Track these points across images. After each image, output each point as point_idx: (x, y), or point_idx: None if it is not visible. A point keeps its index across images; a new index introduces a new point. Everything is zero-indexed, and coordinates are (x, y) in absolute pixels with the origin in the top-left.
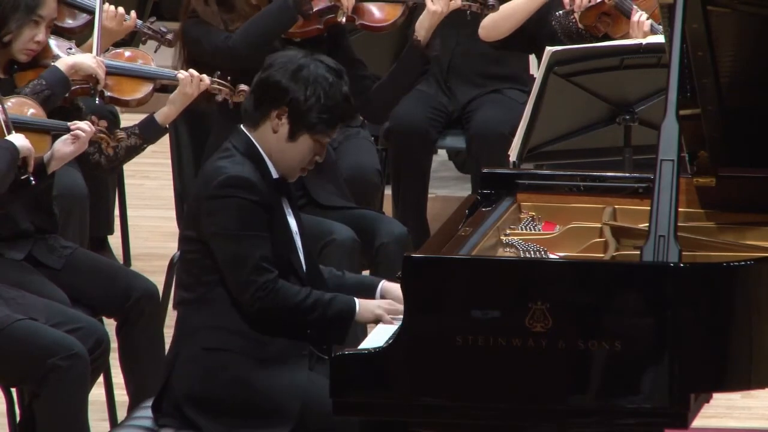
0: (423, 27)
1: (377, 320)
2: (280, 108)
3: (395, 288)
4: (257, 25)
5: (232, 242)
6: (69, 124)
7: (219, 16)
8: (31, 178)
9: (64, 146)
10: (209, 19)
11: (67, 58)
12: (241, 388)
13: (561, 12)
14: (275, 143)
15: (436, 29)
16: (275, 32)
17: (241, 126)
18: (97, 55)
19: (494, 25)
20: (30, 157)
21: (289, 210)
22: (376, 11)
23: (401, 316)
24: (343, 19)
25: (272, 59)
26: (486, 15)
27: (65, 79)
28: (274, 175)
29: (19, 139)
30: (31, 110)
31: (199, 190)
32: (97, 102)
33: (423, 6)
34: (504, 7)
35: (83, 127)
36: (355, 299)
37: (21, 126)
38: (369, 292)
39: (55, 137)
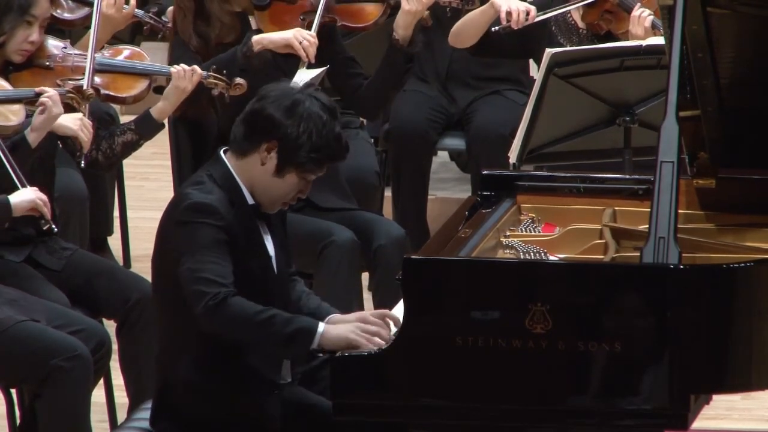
0: (399, 26)
1: (351, 346)
2: (270, 142)
3: (341, 318)
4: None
5: (190, 260)
6: (35, 90)
7: (191, 29)
8: (54, 227)
9: (37, 116)
10: (184, 34)
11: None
12: (222, 420)
13: (500, 25)
14: (261, 176)
15: (417, 26)
16: None
17: (221, 153)
18: (93, 49)
19: (458, 32)
20: (41, 208)
21: (268, 234)
22: (357, 11)
23: (385, 341)
24: (305, 68)
25: (266, 91)
26: (467, 11)
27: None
28: (250, 201)
29: (18, 196)
30: None
31: (165, 217)
32: (58, 82)
33: None
34: (466, 17)
35: (49, 92)
36: (320, 323)
37: None
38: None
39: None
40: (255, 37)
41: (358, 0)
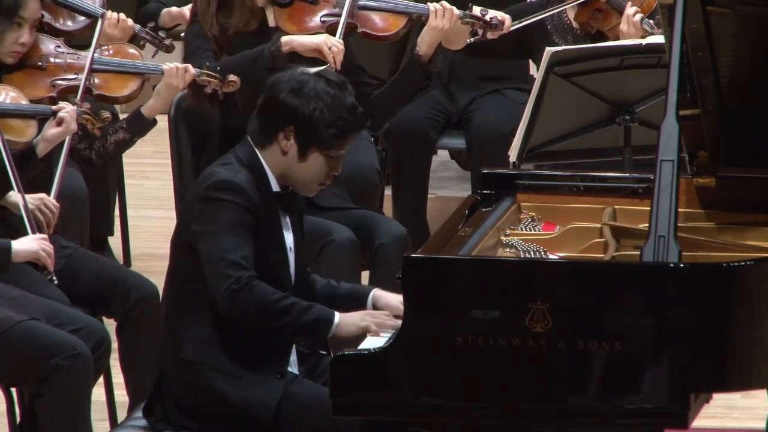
0: (424, 42)
1: (364, 332)
2: (286, 128)
3: (386, 296)
4: (229, 66)
5: (214, 239)
6: (53, 107)
7: (213, 18)
8: (54, 279)
9: (50, 128)
10: (205, 22)
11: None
12: (218, 402)
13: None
14: (287, 164)
15: (439, 45)
16: (244, 76)
17: (249, 137)
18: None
19: None
20: (44, 260)
21: (289, 225)
22: (379, 20)
23: (391, 328)
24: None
25: (273, 80)
26: (489, 34)
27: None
28: (275, 188)
29: (21, 243)
30: (11, 94)
31: (190, 194)
32: (77, 101)
33: (427, 19)
34: None
35: (67, 107)
36: (336, 313)
37: (2, 113)
38: (361, 301)
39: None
40: (284, 38)
41: (382, 9)
